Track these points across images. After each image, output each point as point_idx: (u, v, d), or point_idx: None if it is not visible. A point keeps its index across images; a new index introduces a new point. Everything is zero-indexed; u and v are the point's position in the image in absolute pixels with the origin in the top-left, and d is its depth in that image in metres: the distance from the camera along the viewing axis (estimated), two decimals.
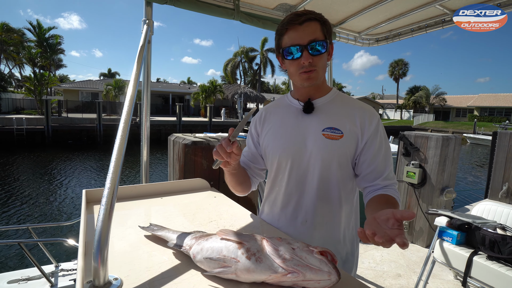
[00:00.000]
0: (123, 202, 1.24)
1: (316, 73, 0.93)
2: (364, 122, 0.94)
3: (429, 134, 3.40)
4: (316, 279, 0.62)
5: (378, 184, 0.93)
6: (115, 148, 0.82)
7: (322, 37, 0.91)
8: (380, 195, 0.90)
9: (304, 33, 0.89)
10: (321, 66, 0.93)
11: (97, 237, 0.63)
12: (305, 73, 0.92)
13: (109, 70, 59.38)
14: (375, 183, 0.93)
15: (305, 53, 0.90)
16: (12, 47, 26.63)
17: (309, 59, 0.90)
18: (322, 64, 0.94)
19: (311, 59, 0.90)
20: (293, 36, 0.91)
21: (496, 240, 2.05)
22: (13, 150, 15.02)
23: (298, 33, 0.90)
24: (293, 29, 0.91)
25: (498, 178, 4.22)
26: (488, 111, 38.59)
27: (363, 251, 3.19)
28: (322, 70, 0.95)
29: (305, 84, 0.95)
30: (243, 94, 25.76)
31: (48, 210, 7.43)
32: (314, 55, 0.90)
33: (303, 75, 0.93)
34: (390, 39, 2.63)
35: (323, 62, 0.94)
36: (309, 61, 0.90)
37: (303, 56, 0.90)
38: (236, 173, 1.03)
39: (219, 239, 0.74)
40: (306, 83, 0.95)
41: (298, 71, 0.93)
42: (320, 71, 0.94)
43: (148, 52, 1.71)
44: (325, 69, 0.97)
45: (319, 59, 0.92)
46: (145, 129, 1.78)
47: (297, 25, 0.90)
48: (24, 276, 2.00)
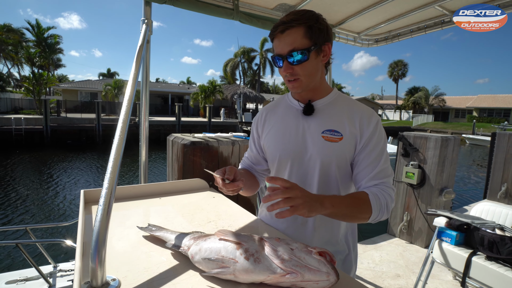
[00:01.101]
0: (121, 202, 1.23)
1: (299, 82, 0.92)
2: (363, 124, 0.94)
3: (428, 134, 3.40)
4: (315, 279, 0.61)
5: (367, 183, 0.92)
6: (113, 148, 0.81)
7: (304, 44, 0.87)
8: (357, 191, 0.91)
9: (284, 43, 0.89)
10: (304, 74, 0.91)
11: (94, 238, 0.63)
12: (289, 81, 0.94)
13: (108, 70, 59.46)
14: (364, 181, 0.93)
15: (285, 63, 0.90)
16: (10, 47, 26.58)
17: (288, 70, 0.90)
18: (306, 72, 0.91)
19: (291, 69, 0.90)
20: (276, 45, 0.91)
21: (495, 241, 2.05)
22: (12, 150, 14.98)
23: (280, 43, 0.90)
24: (276, 37, 0.91)
25: (497, 179, 4.23)
26: (487, 112, 38.68)
27: (362, 251, 3.19)
28: (308, 77, 0.92)
29: (292, 91, 0.98)
30: (243, 95, 25.77)
31: (47, 211, 7.42)
32: (294, 64, 0.89)
33: (288, 83, 0.95)
34: (390, 39, 2.63)
35: (306, 70, 0.91)
36: (288, 71, 0.91)
37: (283, 67, 0.91)
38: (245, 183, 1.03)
39: (217, 239, 0.74)
40: (292, 90, 0.97)
41: (284, 78, 0.95)
42: (304, 79, 0.92)
43: (147, 52, 1.70)
44: (313, 75, 0.94)
45: (300, 68, 0.90)
46: (144, 129, 1.77)
47: (279, 34, 0.89)
48: (22, 277, 1.99)
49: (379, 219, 0.89)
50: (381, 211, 0.87)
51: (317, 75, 0.95)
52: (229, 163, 2.02)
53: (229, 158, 2.01)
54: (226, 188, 0.92)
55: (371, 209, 0.85)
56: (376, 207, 0.86)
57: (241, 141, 2.09)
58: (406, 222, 3.49)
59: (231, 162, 2.02)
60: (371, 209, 0.85)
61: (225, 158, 1.99)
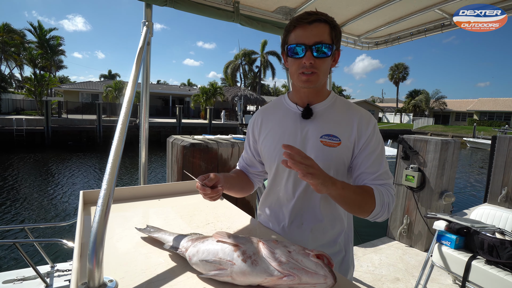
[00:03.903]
0: (120, 203, 1.23)
1: (317, 76, 0.90)
2: (362, 126, 0.94)
3: (428, 137, 3.40)
4: (312, 282, 0.61)
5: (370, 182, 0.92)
6: (112, 149, 0.82)
7: (329, 40, 0.88)
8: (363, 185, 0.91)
9: (311, 33, 0.87)
10: (323, 70, 0.91)
11: (92, 239, 0.63)
12: (304, 74, 0.90)
13: (109, 71, 59.53)
14: (367, 181, 0.92)
15: (308, 53, 0.88)
16: (13, 48, 26.69)
17: (310, 60, 0.88)
18: (324, 68, 0.91)
19: (313, 60, 0.88)
20: (300, 34, 0.89)
21: (495, 245, 2.04)
22: (13, 151, 15.00)
23: (305, 32, 0.88)
24: (301, 27, 0.89)
25: (497, 182, 4.23)
26: (487, 115, 38.67)
27: (362, 254, 3.18)
28: (324, 74, 0.92)
29: (303, 85, 0.93)
30: (243, 97, 25.80)
31: (47, 211, 7.41)
32: (317, 57, 0.88)
33: (303, 76, 0.91)
34: (390, 42, 2.64)
35: (325, 66, 0.91)
36: (310, 62, 0.88)
37: (305, 56, 0.88)
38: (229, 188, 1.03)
39: (215, 241, 0.74)
40: (304, 84, 0.93)
41: (298, 70, 0.91)
42: (321, 75, 0.91)
43: (147, 54, 1.71)
44: (327, 74, 0.94)
45: (321, 62, 0.89)
46: (143, 130, 1.77)
47: (306, 24, 0.88)
48: (19, 276, 1.98)
49: (379, 216, 0.89)
50: (383, 208, 0.88)
51: (327, 76, 0.96)
52: (228, 165, 2.02)
53: (229, 160, 2.01)
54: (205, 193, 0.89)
55: (375, 203, 0.86)
56: (379, 203, 0.86)
57: (241, 143, 2.09)
58: (406, 225, 3.48)
59: (231, 163, 2.02)
60: (375, 203, 0.86)
61: (225, 160, 1.99)
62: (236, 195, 1.12)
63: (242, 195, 1.15)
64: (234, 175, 1.11)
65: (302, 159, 0.73)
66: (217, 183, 0.91)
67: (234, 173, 1.15)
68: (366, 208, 0.86)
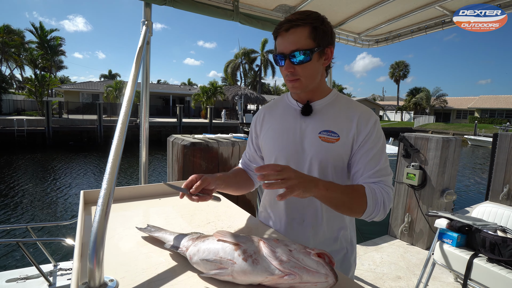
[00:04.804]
0: (121, 203, 1.23)
1: (299, 82, 0.92)
2: (361, 123, 0.94)
3: (429, 135, 3.39)
4: (313, 281, 0.61)
5: (365, 180, 0.91)
6: (112, 149, 0.82)
7: (308, 44, 0.87)
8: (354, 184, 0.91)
9: (287, 41, 0.88)
10: (305, 75, 0.91)
11: (92, 238, 0.63)
12: (289, 81, 0.93)
13: (110, 71, 59.48)
14: (362, 179, 0.92)
15: (287, 62, 0.89)
16: (13, 49, 26.73)
17: (290, 69, 0.89)
18: (307, 73, 0.91)
19: (293, 68, 0.89)
20: (280, 43, 0.90)
21: (497, 243, 2.04)
22: (14, 151, 15.05)
23: (283, 41, 0.89)
24: (280, 35, 0.90)
25: (498, 180, 4.22)
26: (489, 113, 38.56)
27: (363, 253, 3.18)
28: (309, 78, 0.92)
29: (291, 91, 0.97)
30: (244, 96, 25.78)
31: (49, 211, 7.44)
32: (296, 64, 0.89)
33: (288, 83, 0.94)
34: (390, 40, 2.63)
35: (308, 71, 0.90)
36: (290, 71, 0.90)
37: (285, 66, 0.90)
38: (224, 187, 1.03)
39: (215, 240, 0.74)
40: (291, 90, 0.96)
41: (285, 77, 0.94)
42: (304, 80, 0.92)
43: (147, 53, 1.71)
44: (314, 77, 0.93)
45: (301, 69, 0.89)
46: (144, 130, 1.77)
47: (283, 32, 0.88)
48: (22, 275, 1.99)
49: (374, 216, 0.87)
50: (377, 207, 0.86)
51: (317, 77, 0.95)
52: (229, 164, 2.02)
53: (229, 159, 2.01)
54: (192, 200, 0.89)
55: (366, 202, 0.84)
56: (372, 202, 0.85)
57: (241, 142, 2.09)
58: (407, 224, 3.47)
59: (231, 163, 2.02)
60: (366, 202, 0.84)
61: (225, 159, 1.99)
62: (233, 193, 1.13)
63: (240, 193, 1.16)
64: (230, 174, 1.11)
65: (277, 175, 0.73)
66: (208, 186, 0.91)
67: (231, 172, 1.15)
68: (355, 209, 0.85)
